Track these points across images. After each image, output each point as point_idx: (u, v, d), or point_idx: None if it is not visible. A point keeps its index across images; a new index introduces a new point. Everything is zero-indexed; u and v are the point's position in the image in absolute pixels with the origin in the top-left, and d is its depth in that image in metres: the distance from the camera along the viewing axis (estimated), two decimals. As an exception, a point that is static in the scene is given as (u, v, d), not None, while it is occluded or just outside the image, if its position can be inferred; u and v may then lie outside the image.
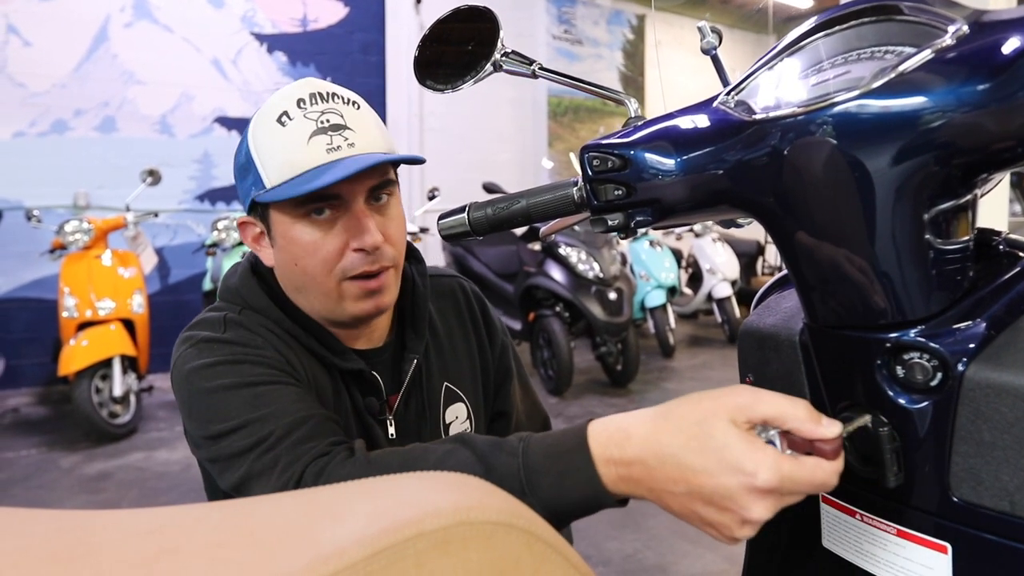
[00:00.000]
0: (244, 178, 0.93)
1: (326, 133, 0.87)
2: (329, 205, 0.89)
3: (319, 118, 0.88)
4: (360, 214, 0.89)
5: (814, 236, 0.57)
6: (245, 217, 0.98)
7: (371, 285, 0.91)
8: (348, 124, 0.89)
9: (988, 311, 0.53)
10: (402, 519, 0.29)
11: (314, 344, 0.94)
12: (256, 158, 0.90)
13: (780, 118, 0.56)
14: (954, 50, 0.49)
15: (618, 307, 4.54)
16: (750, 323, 0.73)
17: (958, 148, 0.49)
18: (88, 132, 5.21)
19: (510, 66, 0.80)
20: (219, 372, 0.85)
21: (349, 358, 0.96)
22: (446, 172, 6.34)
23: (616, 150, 0.65)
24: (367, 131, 0.90)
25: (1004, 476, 0.49)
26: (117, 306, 4.00)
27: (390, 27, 6.49)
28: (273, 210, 0.91)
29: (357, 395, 0.98)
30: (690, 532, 2.66)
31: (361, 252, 0.89)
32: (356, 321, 0.95)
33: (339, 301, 0.92)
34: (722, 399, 0.58)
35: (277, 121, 0.89)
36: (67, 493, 3.16)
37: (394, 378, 1.02)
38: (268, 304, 0.94)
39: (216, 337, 0.89)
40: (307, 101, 0.89)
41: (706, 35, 0.78)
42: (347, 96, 0.92)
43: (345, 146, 0.88)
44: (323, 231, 0.89)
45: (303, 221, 0.89)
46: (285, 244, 0.92)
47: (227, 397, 0.83)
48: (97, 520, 0.31)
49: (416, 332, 1.04)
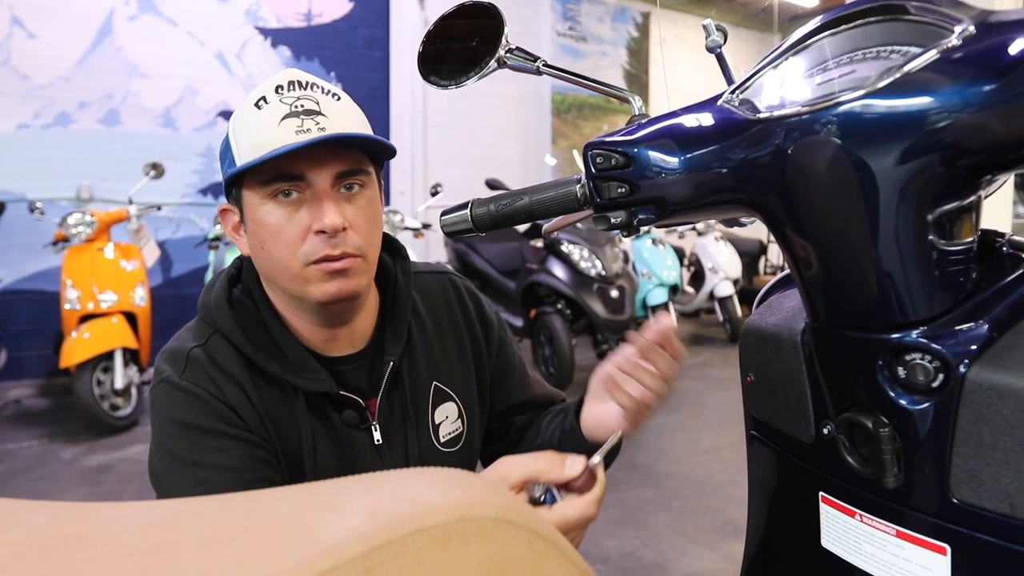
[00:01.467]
0: (223, 163, 0.95)
1: (298, 116, 0.88)
2: (296, 187, 0.89)
3: (294, 103, 0.89)
4: (322, 195, 0.89)
5: (817, 236, 0.57)
6: (224, 204, 0.99)
7: (334, 266, 0.90)
8: (322, 111, 0.90)
9: (990, 313, 0.53)
10: (402, 514, 0.29)
11: (275, 369, 0.94)
12: (232, 140, 0.92)
13: (784, 117, 0.55)
14: (960, 50, 0.49)
15: (620, 305, 4.53)
16: (752, 322, 0.73)
17: (963, 149, 0.49)
18: (92, 125, 5.21)
19: (514, 62, 0.80)
20: (172, 433, 0.90)
21: (314, 379, 0.95)
22: (449, 168, 6.35)
23: (620, 148, 0.65)
24: (341, 119, 0.91)
25: (1004, 478, 0.49)
26: (119, 299, 4.00)
27: (394, 22, 6.48)
28: (245, 192, 0.92)
29: (331, 412, 0.98)
30: (689, 531, 2.66)
31: (322, 235, 0.89)
32: (325, 308, 0.95)
33: (304, 284, 0.92)
34: (486, 475, 0.68)
35: (254, 105, 0.90)
36: (68, 485, 3.17)
37: (373, 381, 1.02)
38: (233, 329, 0.95)
39: (174, 382, 0.92)
40: (285, 88, 0.90)
41: (711, 33, 0.78)
42: (328, 88, 0.93)
43: (315, 129, 0.88)
44: (287, 212, 0.90)
45: (270, 202, 0.90)
46: (254, 227, 0.93)
47: (172, 469, 0.89)
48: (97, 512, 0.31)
49: (395, 333, 1.03)
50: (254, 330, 0.96)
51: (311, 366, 0.96)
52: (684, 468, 3.30)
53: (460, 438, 1.09)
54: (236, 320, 0.96)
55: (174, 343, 0.97)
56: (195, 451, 0.88)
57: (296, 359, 0.96)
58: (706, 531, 2.67)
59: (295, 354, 0.96)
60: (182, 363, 0.93)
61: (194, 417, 0.89)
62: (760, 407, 0.73)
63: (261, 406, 0.94)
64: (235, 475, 0.87)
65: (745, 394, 0.76)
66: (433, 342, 1.08)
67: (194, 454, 0.88)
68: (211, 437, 0.89)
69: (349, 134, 0.89)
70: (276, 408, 0.95)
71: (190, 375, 0.92)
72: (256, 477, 0.89)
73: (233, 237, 0.99)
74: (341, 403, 0.98)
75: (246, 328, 0.96)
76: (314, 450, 0.95)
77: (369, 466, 0.98)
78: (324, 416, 0.97)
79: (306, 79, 0.92)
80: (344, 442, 0.98)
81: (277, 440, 0.94)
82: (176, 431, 0.89)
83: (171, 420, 0.90)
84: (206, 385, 0.91)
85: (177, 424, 0.89)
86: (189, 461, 0.88)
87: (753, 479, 0.78)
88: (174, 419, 0.90)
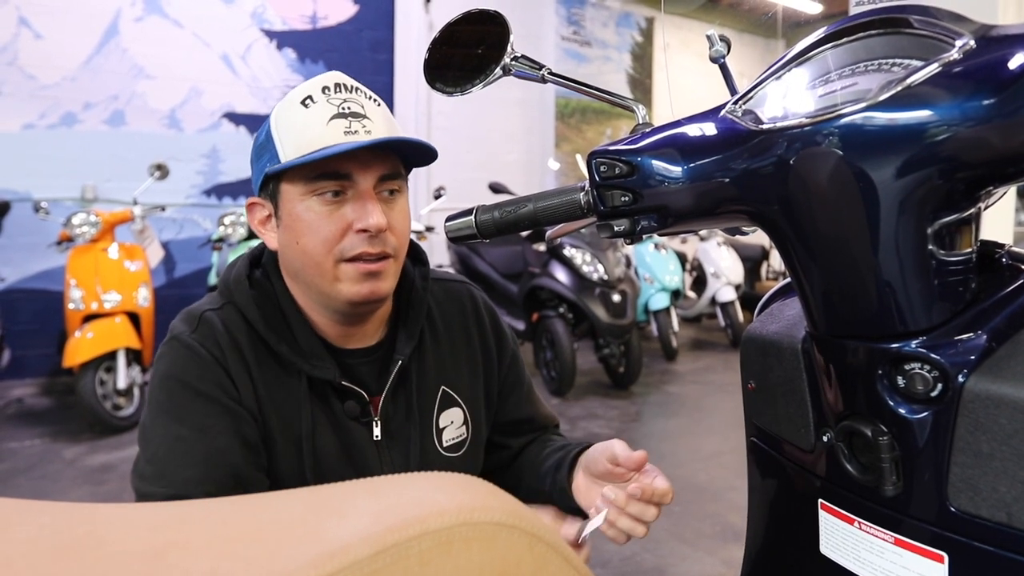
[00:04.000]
0: (260, 158, 0.96)
1: (346, 118, 0.91)
2: (339, 185, 0.91)
3: (341, 104, 0.92)
4: (367, 196, 0.92)
5: (818, 246, 0.57)
6: (255, 198, 1.00)
7: (370, 268, 0.92)
8: (368, 114, 0.93)
9: (989, 323, 0.54)
10: (407, 518, 0.29)
11: (284, 349, 0.96)
12: (275, 136, 0.93)
13: (787, 128, 0.56)
14: (960, 64, 0.49)
15: (622, 309, 4.54)
16: (752, 330, 0.74)
17: (962, 162, 0.49)
18: (97, 125, 5.23)
19: (519, 70, 0.81)
20: (166, 388, 0.92)
21: (320, 365, 0.97)
22: (453, 171, 6.34)
23: (623, 156, 0.65)
24: (385, 124, 0.94)
25: (1002, 487, 0.50)
26: (123, 299, 4.01)
27: (399, 25, 6.50)
28: (285, 185, 0.94)
29: (334, 399, 0.99)
30: (689, 536, 2.66)
31: (364, 233, 0.91)
32: (351, 308, 0.96)
33: (334, 283, 0.93)
34: None
35: (301, 103, 0.92)
36: (70, 484, 3.18)
37: (381, 378, 1.03)
38: (249, 303, 0.97)
39: (184, 339, 0.94)
40: (332, 89, 0.93)
41: (715, 43, 0.78)
42: (370, 93, 0.96)
43: (363, 132, 0.91)
44: (329, 210, 0.92)
45: (311, 198, 0.92)
46: (290, 222, 0.94)
47: (157, 420, 0.91)
48: (104, 513, 0.32)
49: (408, 333, 1.04)
50: (269, 310, 0.98)
51: (319, 353, 0.98)
52: (684, 473, 3.30)
53: (463, 444, 1.09)
54: (252, 297, 0.98)
55: (191, 306, 1.00)
56: (182, 409, 0.90)
57: (306, 344, 0.97)
58: (706, 536, 2.67)
59: (306, 340, 0.98)
60: (194, 323, 0.96)
61: (192, 378, 0.92)
62: (760, 414, 0.74)
63: (262, 382, 0.95)
64: (214, 443, 0.89)
65: (746, 401, 0.77)
66: (445, 348, 1.09)
67: (181, 411, 0.90)
68: (203, 401, 0.91)
69: (402, 138, 0.92)
70: (278, 387, 0.96)
71: (199, 335, 0.94)
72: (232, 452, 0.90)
73: (259, 231, 1.01)
74: (344, 393, 0.99)
75: (261, 306, 0.98)
76: (313, 434, 0.96)
77: (370, 460, 0.99)
78: (326, 403, 0.99)
79: (351, 83, 0.95)
80: (344, 432, 0.99)
81: (275, 419, 0.95)
82: (171, 386, 0.92)
83: (169, 375, 0.92)
84: (211, 348, 0.94)
85: (174, 380, 0.92)
86: (174, 416, 0.90)
87: (753, 485, 0.79)
88: (172, 375, 0.92)
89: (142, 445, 0.91)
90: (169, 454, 0.88)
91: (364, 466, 0.98)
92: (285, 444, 0.96)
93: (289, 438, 0.96)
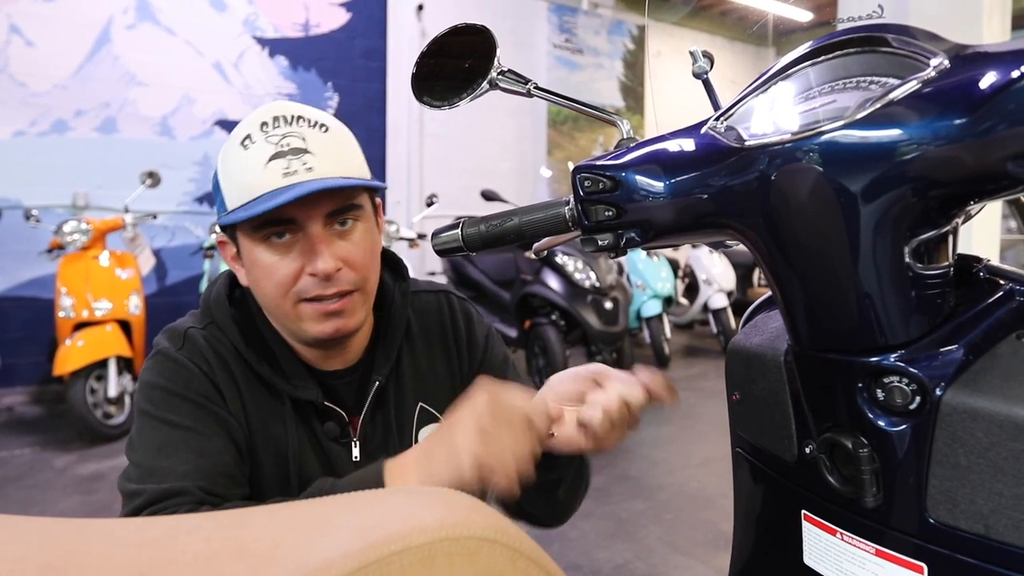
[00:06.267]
0: (216, 199, 0.96)
1: (284, 157, 0.88)
2: (288, 229, 0.90)
3: (280, 141, 0.89)
4: (315, 239, 0.89)
5: (798, 261, 0.58)
6: (222, 236, 1.00)
7: (329, 308, 0.91)
8: (309, 148, 0.89)
9: (966, 337, 0.55)
10: (389, 534, 0.29)
11: (265, 370, 0.96)
12: (221, 181, 0.93)
13: (768, 145, 0.57)
14: (933, 83, 0.50)
15: (614, 316, 4.55)
16: (737, 342, 0.75)
17: (936, 180, 0.50)
18: (88, 133, 5.22)
19: (506, 84, 0.81)
20: (153, 397, 0.92)
21: (302, 386, 0.97)
22: (445, 179, 6.35)
23: (607, 172, 0.66)
24: (329, 155, 0.90)
25: (979, 499, 0.51)
26: (114, 307, 4.00)
27: (392, 33, 6.52)
28: (238, 232, 0.93)
29: (315, 421, 0.99)
30: (681, 543, 2.67)
31: (314, 277, 0.90)
32: (321, 343, 0.96)
33: (298, 322, 0.93)
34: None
35: (240, 144, 0.90)
36: (60, 493, 3.16)
37: (359, 399, 1.02)
38: (229, 324, 0.97)
39: (170, 354, 0.94)
40: (270, 124, 0.90)
41: (697, 59, 0.79)
42: (316, 119, 0.92)
43: (303, 170, 0.88)
44: (280, 255, 0.90)
45: (262, 245, 0.91)
46: (249, 266, 0.94)
47: (144, 427, 0.90)
48: (91, 529, 0.32)
49: (385, 354, 1.03)
50: (249, 331, 0.98)
51: (301, 374, 0.98)
52: (676, 480, 3.31)
53: None
54: (233, 317, 0.98)
55: (173, 324, 1.00)
56: (171, 414, 0.90)
57: (287, 366, 0.98)
58: (698, 544, 2.68)
59: (287, 362, 0.98)
60: (180, 340, 0.96)
61: (179, 387, 0.91)
62: (745, 425, 0.74)
63: (249, 399, 0.95)
64: (203, 441, 0.89)
65: (731, 412, 0.77)
66: (423, 363, 1.09)
67: (169, 416, 0.90)
68: (191, 406, 0.91)
69: (332, 183, 0.88)
70: (264, 406, 0.96)
71: (186, 351, 0.94)
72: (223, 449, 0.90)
73: (233, 267, 1.00)
74: (325, 414, 0.99)
75: (242, 326, 0.98)
76: (300, 454, 0.96)
77: None
78: (308, 424, 0.98)
79: (292, 112, 0.91)
80: (326, 453, 0.99)
81: (262, 436, 0.95)
82: (158, 396, 0.92)
83: (156, 386, 0.92)
84: (199, 362, 0.94)
85: (161, 390, 0.92)
86: (162, 421, 0.89)
87: (738, 496, 0.79)
88: (160, 385, 0.92)
89: (130, 454, 0.91)
90: (159, 453, 0.87)
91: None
92: (272, 463, 0.96)
93: (275, 458, 0.96)
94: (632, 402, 0.82)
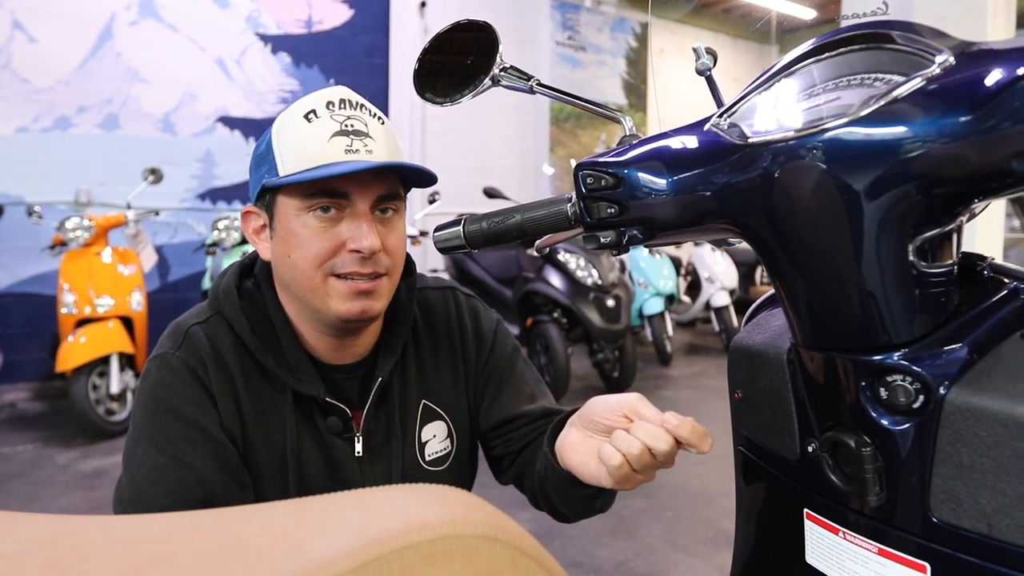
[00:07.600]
0: (259, 167, 0.96)
1: (348, 135, 0.90)
2: (336, 203, 0.91)
3: (344, 121, 0.91)
4: (363, 216, 0.91)
5: (801, 259, 0.58)
6: (251, 207, 1.00)
7: (362, 286, 0.92)
8: (370, 133, 0.92)
9: (970, 336, 0.54)
10: (389, 531, 0.29)
11: (269, 362, 0.96)
12: (276, 147, 0.92)
13: (771, 142, 0.57)
14: (939, 81, 0.50)
15: (616, 314, 4.54)
16: (740, 340, 0.74)
17: (940, 178, 0.50)
18: (91, 129, 5.22)
19: (508, 81, 0.81)
20: (149, 410, 0.92)
21: (305, 380, 0.96)
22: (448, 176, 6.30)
23: (610, 169, 0.66)
24: (386, 144, 0.93)
25: (982, 499, 0.50)
26: (116, 303, 4.01)
27: (394, 30, 6.51)
28: (281, 197, 0.93)
29: (317, 414, 0.99)
30: (682, 541, 2.67)
31: (356, 254, 0.91)
32: (342, 324, 0.95)
33: (324, 298, 0.93)
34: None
35: (304, 117, 0.92)
36: (62, 489, 3.17)
37: (363, 394, 1.02)
38: (237, 314, 0.97)
39: (168, 360, 0.94)
40: (336, 104, 0.92)
41: (700, 56, 0.79)
42: (375, 111, 0.95)
43: (364, 151, 0.90)
44: (324, 227, 0.91)
45: (307, 213, 0.92)
46: (284, 235, 0.94)
47: (137, 444, 0.91)
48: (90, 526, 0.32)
49: (389, 350, 1.03)
50: (257, 321, 0.98)
51: (305, 368, 0.97)
52: (678, 478, 3.30)
53: (448, 458, 1.09)
54: (241, 307, 0.98)
55: (179, 320, 1.00)
56: (161, 434, 0.90)
57: (292, 358, 0.97)
58: (699, 542, 2.68)
59: (292, 354, 0.97)
60: (179, 339, 0.96)
61: (174, 399, 0.92)
62: (747, 424, 0.74)
63: (247, 396, 0.95)
64: (191, 472, 0.89)
65: (733, 410, 0.77)
66: (427, 360, 1.08)
67: (160, 437, 0.90)
68: (182, 424, 0.91)
69: (401, 163, 0.91)
70: (263, 400, 0.96)
71: (184, 352, 0.94)
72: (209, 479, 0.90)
73: (253, 240, 1.00)
74: (327, 409, 0.99)
75: (250, 317, 0.98)
76: (298, 448, 0.96)
77: (352, 476, 0.99)
78: (310, 418, 0.98)
79: (356, 99, 0.94)
80: (327, 447, 0.99)
81: (259, 433, 0.95)
82: (153, 408, 0.92)
83: (152, 397, 0.93)
84: (195, 366, 0.94)
85: (156, 401, 0.92)
86: (153, 443, 0.90)
87: (740, 494, 0.79)
88: (156, 396, 0.93)
89: (124, 467, 0.92)
90: (146, 480, 0.89)
91: (347, 482, 0.98)
92: (269, 459, 0.95)
93: (273, 453, 0.96)
94: (657, 450, 0.77)
